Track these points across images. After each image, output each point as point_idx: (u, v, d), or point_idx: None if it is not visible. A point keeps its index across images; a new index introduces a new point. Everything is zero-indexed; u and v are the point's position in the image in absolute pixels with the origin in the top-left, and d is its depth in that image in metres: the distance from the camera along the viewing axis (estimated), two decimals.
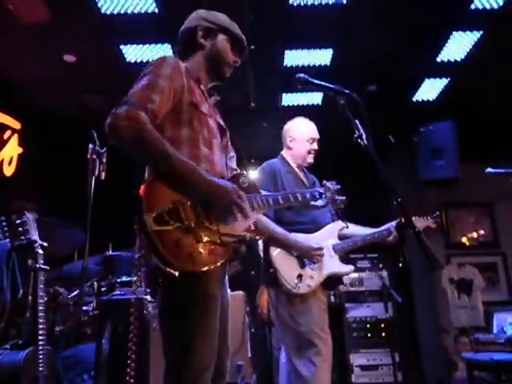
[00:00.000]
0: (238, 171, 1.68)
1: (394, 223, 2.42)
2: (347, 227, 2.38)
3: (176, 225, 1.33)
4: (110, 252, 3.19)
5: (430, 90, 4.54)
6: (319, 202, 1.96)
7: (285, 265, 2.23)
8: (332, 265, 2.32)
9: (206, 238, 1.38)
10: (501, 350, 3.12)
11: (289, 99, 4.73)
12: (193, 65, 1.68)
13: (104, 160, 2.69)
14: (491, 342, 3.26)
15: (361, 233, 2.49)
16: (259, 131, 5.05)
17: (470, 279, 5.55)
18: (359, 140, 1.91)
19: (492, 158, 4.35)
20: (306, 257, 2.27)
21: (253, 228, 1.57)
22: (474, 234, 5.99)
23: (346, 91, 1.98)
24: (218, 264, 1.40)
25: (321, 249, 2.27)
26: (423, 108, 4.81)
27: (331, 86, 1.99)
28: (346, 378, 4.48)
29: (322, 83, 2.00)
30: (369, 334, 4.62)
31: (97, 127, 2.41)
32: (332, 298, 4.35)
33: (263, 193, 1.73)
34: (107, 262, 3.18)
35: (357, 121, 1.92)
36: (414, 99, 4.70)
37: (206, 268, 1.36)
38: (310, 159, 2.59)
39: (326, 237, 2.37)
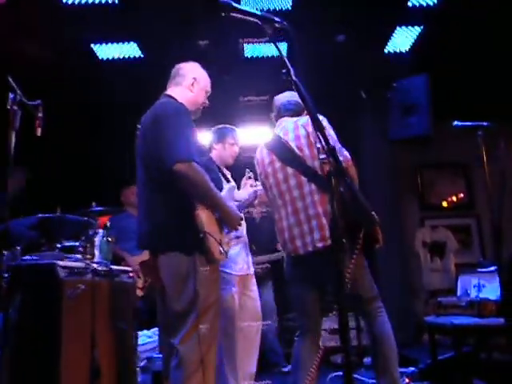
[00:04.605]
0: None
1: None
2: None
3: None
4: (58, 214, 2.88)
5: (402, 39, 4.21)
6: None
7: (212, 229, 1.95)
8: None
9: None
10: (462, 313, 2.97)
11: (252, 51, 4.38)
12: None
13: (40, 114, 2.43)
14: (453, 305, 3.10)
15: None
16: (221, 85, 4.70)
17: (443, 242, 5.41)
18: (288, 77, 1.64)
19: (469, 115, 4.07)
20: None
21: None
22: (454, 198, 5.80)
23: (276, 18, 1.70)
24: None
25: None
26: (396, 61, 4.49)
27: (257, 12, 1.71)
28: None
29: (247, 10, 1.72)
30: None
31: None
32: None
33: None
34: (44, 225, 2.92)
35: (285, 57, 1.64)
36: (387, 51, 4.37)
37: None
38: (199, 113, 2.24)
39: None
